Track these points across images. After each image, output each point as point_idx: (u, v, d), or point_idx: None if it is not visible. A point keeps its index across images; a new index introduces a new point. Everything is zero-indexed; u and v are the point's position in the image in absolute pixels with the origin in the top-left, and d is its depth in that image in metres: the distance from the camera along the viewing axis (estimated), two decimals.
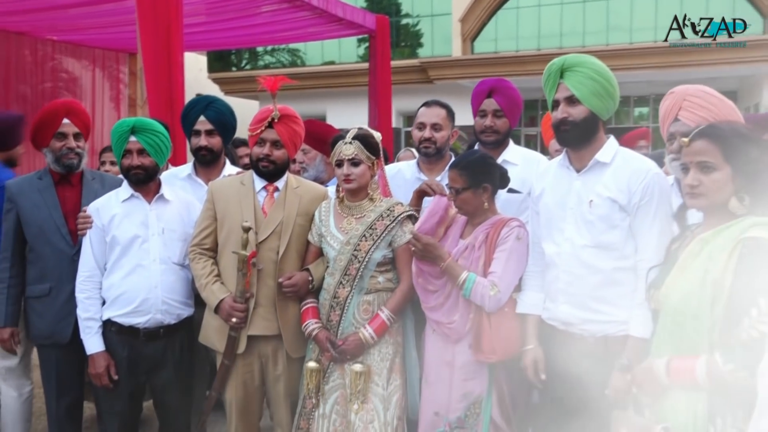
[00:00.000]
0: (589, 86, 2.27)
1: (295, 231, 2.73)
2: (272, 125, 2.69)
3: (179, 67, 4.66)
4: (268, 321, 2.69)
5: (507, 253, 2.48)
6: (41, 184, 3.00)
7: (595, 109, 2.29)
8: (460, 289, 2.48)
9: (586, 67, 2.28)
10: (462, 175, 2.55)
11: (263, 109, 2.74)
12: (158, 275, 2.76)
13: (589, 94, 2.27)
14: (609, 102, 2.31)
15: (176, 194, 2.94)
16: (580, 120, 2.29)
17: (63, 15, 6.91)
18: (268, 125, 2.70)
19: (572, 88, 2.29)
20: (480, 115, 3.00)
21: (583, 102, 2.28)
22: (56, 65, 8.24)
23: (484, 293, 2.45)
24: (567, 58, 2.33)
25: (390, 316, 2.61)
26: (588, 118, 2.29)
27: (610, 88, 2.29)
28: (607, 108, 2.31)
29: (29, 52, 7.85)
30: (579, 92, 2.28)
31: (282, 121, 2.71)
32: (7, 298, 2.99)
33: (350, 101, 13.99)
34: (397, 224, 2.65)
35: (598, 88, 2.27)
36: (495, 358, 2.46)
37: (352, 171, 2.62)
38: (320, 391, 2.65)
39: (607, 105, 2.31)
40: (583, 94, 2.28)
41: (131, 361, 2.79)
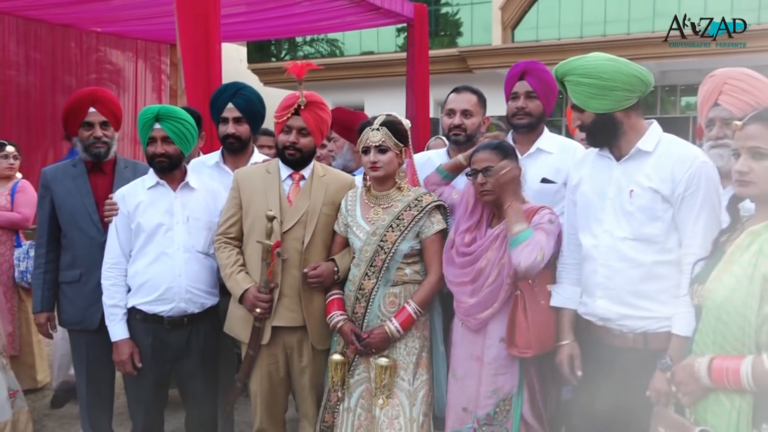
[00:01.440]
0: (583, 91, 2.17)
1: (321, 220, 2.65)
2: (299, 112, 2.62)
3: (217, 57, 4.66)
4: (293, 312, 2.62)
5: (545, 233, 2.34)
6: (75, 172, 3.02)
7: (600, 110, 2.17)
8: (510, 237, 2.32)
9: (574, 74, 2.19)
10: (497, 154, 2.43)
11: (289, 96, 2.66)
12: (182, 264, 2.72)
13: (586, 99, 2.18)
14: (616, 95, 2.15)
15: (202, 182, 2.89)
16: (591, 124, 2.21)
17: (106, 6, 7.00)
18: (295, 112, 2.62)
19: (571, 97, 2.22)
20: (512, 98, 2.87)
21: (584, 107, 2.19)
22: (101, 57, 8.39)
23: (531, 254, 2.26)
24: (557, 69, 2.25)
25: (416, 310, 2.51)
26: (598, 120, 2.19)
27: (607, 82, 2.14)
28: (616, 101, 2.16)
29: (75, 45, 8.00)
30: (577, 100, 2.21)
31: (308, 108, 2.63)
32: (43, 283, 3.02)
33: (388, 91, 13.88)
34: (425, 215, 2.55)
35: (592, 90, 2.15)
36: (530, 352, 2.35)
37: (378, 158, 2.52)
38: (345, 385, 2.58)
39: (615, 98, 2.15)
40: (581, 101, 2.20)
41: (156, 349, 2.77)
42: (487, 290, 2.42)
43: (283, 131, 2.66)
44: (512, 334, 2.37)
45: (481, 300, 2.42)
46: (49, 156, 7.66)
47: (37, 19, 7.30)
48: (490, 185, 2.42)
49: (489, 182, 2.42)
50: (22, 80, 7.44)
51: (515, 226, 2.33)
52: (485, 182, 2.43)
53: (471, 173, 2.49)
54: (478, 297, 2.43)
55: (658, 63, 12.78)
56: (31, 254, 4.13)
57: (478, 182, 2.45)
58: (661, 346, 2.09)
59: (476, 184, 2.47)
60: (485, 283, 2.43)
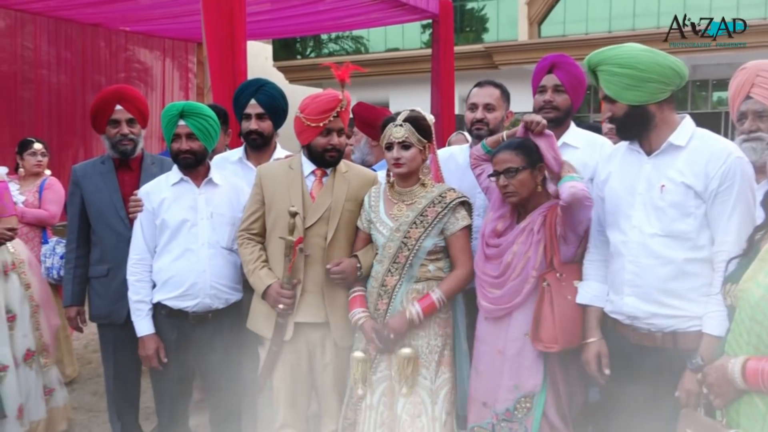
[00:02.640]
0: (617, 82, 2.11)
1: (344, 217, 2.63)
2: (338, 114, 2.60)
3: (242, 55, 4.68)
4: (316, 308, 2.61)
5: None
6: (103, 168, 3.05)
7: (634, 101, 2.11)
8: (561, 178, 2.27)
9: (608, 63, 2.12)
10: (518, 155, 2.38)
11: (327, 98, 2.59)
12: (207, 259, 2.74)
13: (620, 90, 2.12)
14: (651, 87, 2.09)
15: (225, 178, 2.90)
16: (622, 116, 2.15)
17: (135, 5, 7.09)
18: (336, 114, 2.59)
19: (604, 88, 2.16)
20: (539, 91, 2.81)
21: (617, 99, 2.13)
22: (129, 56, 8.51)
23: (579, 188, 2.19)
24: (590, 58, 2.19)
25: (441, 298, 2.47)
26: (630, 112, 2.13)
27: (644, 73, 2.08)
28: (651, 93, 2.10)
29: (104, 44, 8.12)
30: (610, 91, 2.14)
31: (344, 109, 2.63)
32: (73, 278, 3.07)
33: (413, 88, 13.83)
34: (449, 211, 2.51)
35: (628, 81, 2.09)
36: (556, 348, 2.30)
37: (402, 155, 2.49)
38: (367, 381, 2.55)
39: (650, 90, 2.10)
40: (614, 91, 2.13)
41: (180, 345, 2.79)
42: (512, 283, 2.38)
43: (322, 134, 2.60)
44: (537, 328, 2.33)
45: (505, 292, 2.39)
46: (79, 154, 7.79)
47: (67, 19, 7.43)
48: (513, 187, 2.38)
49: (511, 184, 2.38)
50: (53, 79, 7.58)
51: (567, 171, 2.29)
52: (508, 184, 2.39)
53: (493, 174, 2.45)
54: (503, 290, 2.40)
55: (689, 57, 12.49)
56: (57, 251, 4.19)
57: (500, 184, 2.41)
58: (690, 346, 2.04)
59: (499, 186, 2.43)
60: (511, 275, 2.39)
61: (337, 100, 2.57)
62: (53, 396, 3.40)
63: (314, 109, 2.58)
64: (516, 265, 2.38)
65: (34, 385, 3.24)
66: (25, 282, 3.29)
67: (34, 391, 3.24)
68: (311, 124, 2.58)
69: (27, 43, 7.31)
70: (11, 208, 3.18)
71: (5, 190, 3.17)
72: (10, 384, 3.07)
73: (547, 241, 2.36)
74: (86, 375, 4.64)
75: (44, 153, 4.51)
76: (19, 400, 3.11)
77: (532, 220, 2.40)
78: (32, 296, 3.29)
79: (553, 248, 2.36)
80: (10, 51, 7.13)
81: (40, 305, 3.36)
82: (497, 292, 2.40)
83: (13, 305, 3.18)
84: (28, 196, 4.38)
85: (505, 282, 2.39)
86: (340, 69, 2.60)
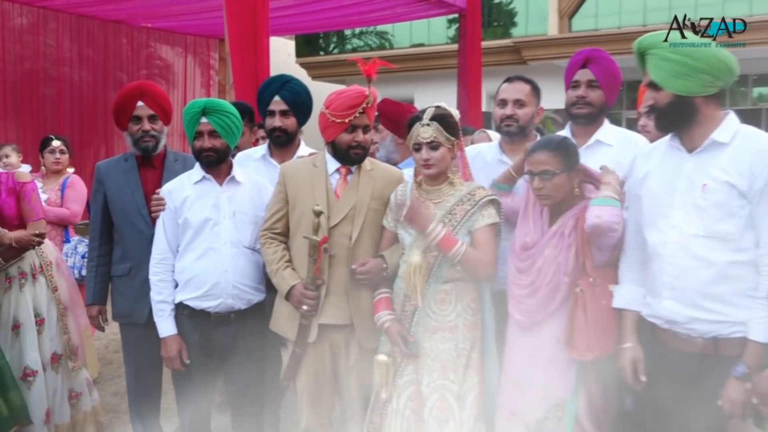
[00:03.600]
0: (667, 68, 2.06)
1: (369, 216, 2.62)
2: (364, 110, 2.59)
3: (265, 51, 4.72)
4: (340, 309, 2.60)
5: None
6: (126, 166, 3.09)
7: (681, 91, 2.06)
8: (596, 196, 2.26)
9: (661, 48, 2.07)
10: (556, 156, 2.34)
11: (353, 94, 2.59)
12: (229, 259, 2.75)
13: (668, 77, 2.06)
14: (701, 78, 2.04)
15: (248, 176, 2.91)
16: (665, 105, 2.10)
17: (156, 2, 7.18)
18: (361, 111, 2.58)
19: (651, 73, 2.10)
20: (572, 86, 2.77)
21: (664, 86, 2.08)
22: (151, 53, 8.63)
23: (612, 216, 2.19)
24: (642, 40, 2.14)
25: (460, 250, 2.40)
26: (675, 102, 2.08)
27: (697, 62, 2.03)
28: (700, 85, 2.05)
29: (126, 41, 8.25)
30: (657, 76, 2.09)
31: (371, 105, 2.61)
32: (95, 276, 3.11)
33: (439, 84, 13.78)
34: (478, 209, 2.49)
35: (678, 68, 2.04)
36: (591, 355, 2.27)
37: (431, 155, 2.47)
38: (393, 386, 2.54)
39: (700, 82, 2.05)
40: (662, 78, 2.08)
41: (202, 346, 2.80)
42: (545, 290, 2.35)
43: (346, 130, 2.59)
44: (571, 336, 2.30)
45: (539, 300, 2.36)
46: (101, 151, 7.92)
47: (89, 16, 7.56)
48: (548, 190, 2.35)
49: (546, 187, 2.35)
50: (75, 76, 7.72)
51: (607, 190, 2.25)
52: (542, 186, 2.36)
53: (527, 174, 2.42)
54: (536, 297, 2.37)
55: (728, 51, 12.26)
56: (79, 250, 4.25)
57: (535, 186, 2.38)
58: (733, 353, 2.00)
59: (533, 188, 2.40)
60: (543, 282, 2.36)
61: (363, 96, 2.56)
62: (80, 400, 3.41)
63: (340, 105, 2.58)
64: (547, 271, 2.35)
65: (60, 389, 3.27)
66: (53, 285, 3.31)
67: (60, 395, 3.27)
68: (336, 120, 2.58)
69: (49, 40, 7.46)
70: (39, 210, 3.18)
71: (33, 191, 3.17)
72: (39, 389, 3.10)
73: (579, 245, 2.32)
74: (107, 375, 4.69)
75: (63, 150, 4.54)
76: (46, 405, 3.14)
77: (563, 224, 2.37)
78: (59, 299, 3.31)
79: (586, 252, 2.33)
80: (32, 48, 7.27)
81: (68, 307, 3.38)
82: (530, 302, 2.38)
83: (42, 309, 3.21)
84: (50, 195, 4.43)
85: (537, 290, 2.36)
86: (368, 64, 2.59)
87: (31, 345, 3.11)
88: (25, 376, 3.08)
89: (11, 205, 3.09)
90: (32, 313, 3.14)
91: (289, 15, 7.58)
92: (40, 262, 3.28)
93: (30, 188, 3.15)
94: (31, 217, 3.12)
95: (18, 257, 3.12)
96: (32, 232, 3.09)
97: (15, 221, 3.10)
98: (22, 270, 3.16)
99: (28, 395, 3.06)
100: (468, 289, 2.52)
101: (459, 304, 2.50)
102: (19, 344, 3.10)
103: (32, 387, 3.08)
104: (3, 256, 3.03)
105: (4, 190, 3.09)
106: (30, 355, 3.09)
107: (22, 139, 6.64)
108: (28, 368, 3.09)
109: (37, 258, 3.26)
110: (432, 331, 2.49)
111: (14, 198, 3.10)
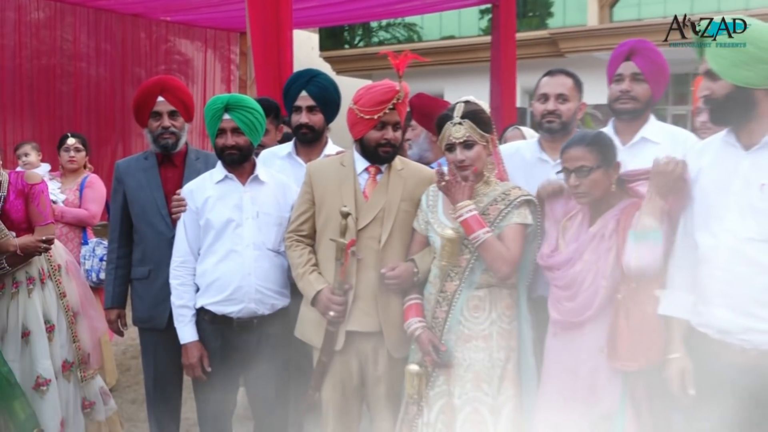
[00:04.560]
0: (728, 56, 2.02)
1: (399, 217, 2.63)
2: (394, 106, 2.59)
3: (288, 45, 4.73)
4: (368, 316, 2.61)
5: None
6: (146, 164, 3.12)
7: (741, 82, 2.02)
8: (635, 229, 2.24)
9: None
10: (591, 151, 2.33)
11: (383, 89, 2.59)
12: (252, 262, 2.77)
13: (729, 66, 2.03)
14: (764, 69, 2.01)
15: (272, 176, 2.93)
16: (723, 97, 2.06)
17: None
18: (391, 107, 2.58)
19: (709, 61, 2.06)
20: (615, 80, 2.74)
21: (723, 76, 2.04)
22: (170, 47, 8.74)
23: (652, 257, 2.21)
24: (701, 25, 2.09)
25: (485, 236, 2.38)
26: (734, 93, 2.04)
27: (762, 52, 1.99)
28: (763, 77, 2.02)
29: (144, 35, 8.37)
30: (716, 65, 2.05)
31: (402, 101, 2.61)
32: (114, 279, 3.15)
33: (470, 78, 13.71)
34: (513, 209, 2.47)
35: (740, 57, 2.00)
36: (636, 366, 2.25)
37: (466, 155, 2.46)
38: (424, 397, 2.54)
39: (763, 73, 2.01)
40: (723, 67, 2.04)
41: (224, 353, 2.83)
42: (584, 295, 2.34)
43: (376, 127, 2.60)
44: (614, 344, 2.28)
45: (577, 305, 2.35)
46: (118, 149, 8.03)
47: (107, 9, 7.68)
48: (585, 187, 2.33)
49: (583, 184, 2.33)
50: (93, 72, 7.85)
51: (648, 218, 2.23)
52: (579, 183, 2.34)
53: (563, 171, 2.40)
54: (575, 302, 2.35)
55: None
56: (97, 252, 4.30)
57: (571, 183, 2.37)
58: None
59: (569, 185, 2.39)
60: (582, 287, 2.34)
61: (394, 91, 2.56)
62: (93, 409, 3.40)
63: (369, 101, 2.59)
64: (585, 275, 2.34)
65: (73, 399, 3.27)
66: (61, 291, 3.28)
67: (73, 404, 3.27)
68: (365, 117, 2.59)
69: (66, 35, 7.59)
70: (48, 214, 3.16)
71: (42, 192, 3.14)
72: (52, 399, 3.10)
73: (618, 248, 2.30)
74: (124, 382, 4.77)
75: (78, 148, 4.56)
76: (60, 415, 3.15)
77: (603, 225, 2.35)
78: (68, 305, 3.30)
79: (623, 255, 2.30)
80: (49, 44, 7.41)
81: (80, 312, 3.38)
82: (569, 305, 2.37)
83: (51, 315, 3.20)
84: (68, 195, 4.48)
85: (577, 293, 2.35)
86: (398, 58, 2.59)
87: (42, 353, 3.10)
88: (38, 386, 3.08)
89: (19, 208, 3.08)
90: (42, 320, 3.14)
91: (313, 7, 7.60)
92: (48, 266, 3.26)
93: (39, 190, 3.13)
94: (39, 221, 3.11)
95: (25, 262, 3.10)
96: (39, 238, 3.06)
97: (23, 224, 3.09)
98: (30, 275, 3.15)
99: (41, 405, 3.06)
100: (503, 296, 2.51)
101: (493, 312, 2.49)
102: (30, 352, 3.09)
103: (45, 396, 3.08)
104: (9, 261, 3.02)
105: (13, 192, 3.08)
106: (42, 364, 3.09)
107: (38, 137, 6.76)
108: (41, 377, 3.09)
109: (45, 262, 3.24)
110: (464, 339, 2.49)
111: (23, 200, 3.09)
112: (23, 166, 4.56)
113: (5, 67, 6.97)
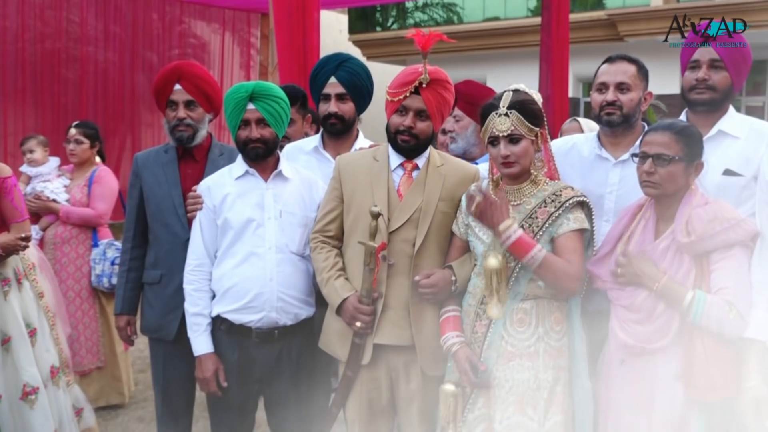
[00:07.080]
0: None
1: (436, 219, 2.63)
2: (419, 91, 2.59)
3: (314, 27, 4.76)
4: (400, 328, 2.62)
5: (737, 258, 2.22)
6: (165, 158, 3.14)
7: None
8: (686, 315, 2.25)
9: None
10: (678, 142, 2.32)
11: (409, 70, 2.63)
12: (273, 266, 2.78)
13: None
14: None
15: (297, 171, 2.95)
16: None
17: None
18: (414, 90, 2.59)
19: None
20: (690, 67, 2.70)
21: None
22: (184, 30, 8.85)
23: (722, 317, 2.20)
24: None
25: (538, 255, 2.35)
26: None
27: None
28: None
29: (157, 16, 8.49)
30: None
31: (431, 86, 2.60)
32: (126, 282, 3.19)
33: (517, 65, 13.68)
34: (563, 212, 2.45)
35: None
36: (714, 396, 2.23)
37: (511, 150, 2.45)
38: (462, 420, 2.54)
39: None
40: None
41: (242, 367, 2.84)
42: (659, 321, 2.31)
43: (397, 112, 2.64)
44: (691, 372, 2.25)
45: (650, 331, 2.33)
46: (127, 141, 8.14)
47: None
48: (659, 177, 2.32)
49: (658, 173, 2.31)
50: (100, 57, 7.97)
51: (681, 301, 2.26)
52: (654, 172, 2.32)
53: (638, 155, 2.39)
54: (647, 327, 2.34)
55: None
56: (108, 255, 4.34)
57: (644, 169, 2.35)
58: None
59: (641, 171, 2.37)
60: (654, 311, 2.32)
61: (417, 73, 2.57)
62: (83, 416, 3.47)
63: (395, 83, 2.64)
64: (657, 299, 2.32)
65: (65, 406, 3.32)
66: (38, 291, 3.32)
67: (66, 413, 3.32)
68: (392, 99, 2.63)
69: (73, 16, 7.72)
70: (23, 210, 3.20)
71: (14, 186, 3.16)
72: (42, 408, 3.13)
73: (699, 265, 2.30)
74: (131, 398, 4.78)
75: (79, 140, 4.55)
76: (53, 426, 3.18)
77: (673, 239, 2.32)
78: (47, 306, 3.34)
79: (704, 271, 2.28)
80: (54, 26, 7.53)
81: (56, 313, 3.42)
82: (640, 329, 2.35)
83: (32, 318, 3.23)
84: (75, 192, 4.50)
85: (647, 319, 2.34)
86: (425, 36, 2.58)
87: (26, 360, 3.12)
88: (26, 395, 3.09)
89: None
90: (23, 324, 3.16)
91: None
92: (23, 266, 3.27)
93: (11, 184, 3.14)
94: (14, 217, 3.14)
95: (1, 262, 3.12)
96: (17, 236, 3.10)
97: None
98: (5, 276, 3.15)
99: (31, 416, 3.08)
100: (552, 309, 2.49)
101: (540, 327, 2.47)
102: (12, 360, 3.09)
103: (35, 406, 3.10)
104: None
105: None
106: (27, 371, 3.11)
107: (41, 127, 6.88)
108: (28, 386, 3.10)
109: (20, 261, 3.25)
110: (507, 357, 2.47)
111: None
112: (28, 164, 4.63)
113: (7, 52, 7.11)
